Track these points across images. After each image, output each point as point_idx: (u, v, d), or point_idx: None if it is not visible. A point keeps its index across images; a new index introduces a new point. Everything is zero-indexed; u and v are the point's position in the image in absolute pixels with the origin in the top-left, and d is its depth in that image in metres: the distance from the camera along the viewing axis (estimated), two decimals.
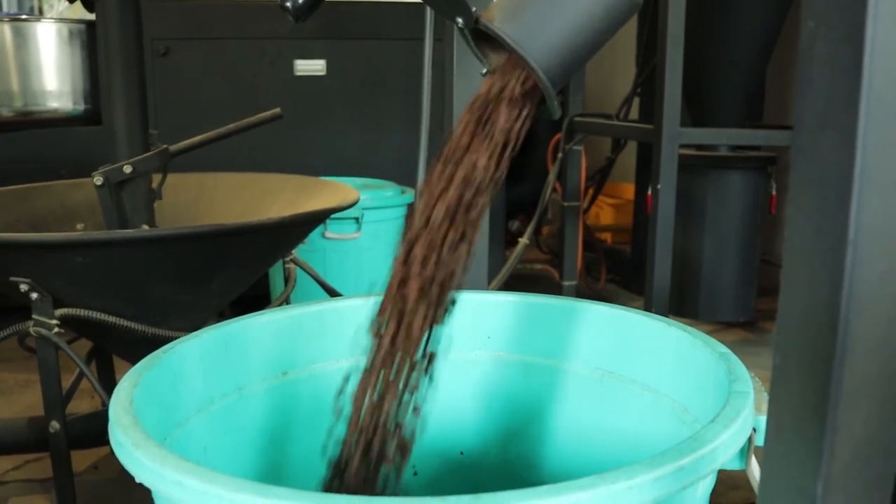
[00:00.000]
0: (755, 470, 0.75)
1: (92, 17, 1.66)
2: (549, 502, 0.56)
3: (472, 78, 1.36)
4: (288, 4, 0.96)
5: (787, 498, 0.48)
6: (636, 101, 3.10)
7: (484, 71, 0.83)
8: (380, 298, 0.82)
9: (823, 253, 0.44)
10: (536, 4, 0.75)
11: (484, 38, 0.82)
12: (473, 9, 0.78)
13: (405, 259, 0.79)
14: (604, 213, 4.04)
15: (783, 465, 0.48)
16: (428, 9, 1.20)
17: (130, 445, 0.66)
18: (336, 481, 0.83)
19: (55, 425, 1.41)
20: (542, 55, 0.74)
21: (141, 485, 0.67)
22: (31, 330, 1.36)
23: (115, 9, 1.50)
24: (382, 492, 0.82)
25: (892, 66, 0.40)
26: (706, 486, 0.73)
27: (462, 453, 1.14)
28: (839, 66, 0.41)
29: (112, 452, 0.69)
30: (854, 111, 0.41)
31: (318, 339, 1.06)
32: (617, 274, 3.48)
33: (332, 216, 1.61)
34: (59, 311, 1.37)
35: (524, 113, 0.78)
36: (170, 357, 0.87)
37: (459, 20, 0.80)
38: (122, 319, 1.38)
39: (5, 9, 2.83)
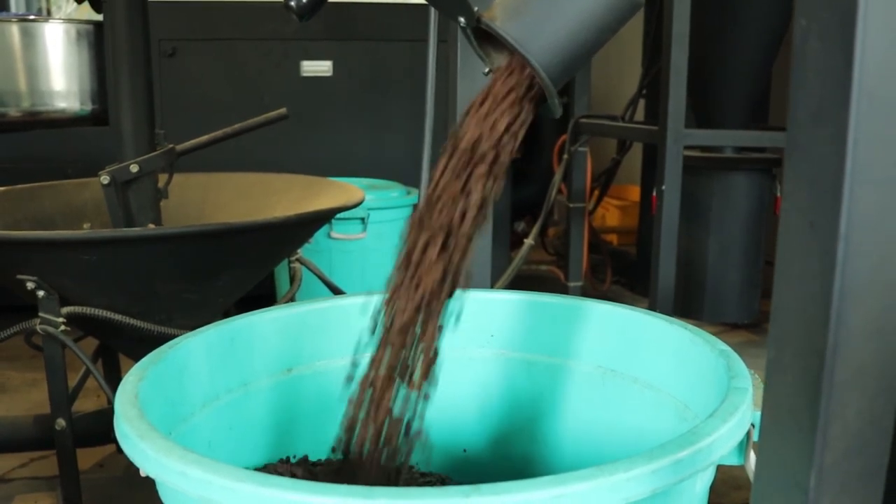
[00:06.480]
0: (754, 465, 0.75)
1: (100, 17, 1.67)
2: (549, 493, 0.56)
3: (475, 78, 1.37)
4: (292, 3, 0.96)
5: (781, 489, 0.48)
6: (642, 102, 3.10)
7: (486, 70, 0.84)
8: (387, 291, 0.83)
9: (816, 246, 0.44)
10: (538, 4, 0.76)
11: (486, 37, 0.82)
12: (475, 8, 0.79)
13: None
14: (609, 214, 4.04)
15: (777, 457, 0.49)
16: (431, 10, 1.21)
17: (136, 437, 0.67)
18: (340, 472, 0.84)
19: (61, 423, 1.42)
20: (544, 54, 0.75)
21: (145, 483, 0.67)
22: (38, 328, 1.37)
23: (123, 9, 1.51)
24: (385, 484, 0.83)
25: (882, 63, 0.41)
26: (705, 480, 0.74)
27: (465, 451, 1.15)
28: (831, 64, 0.42)
29: (117, 451, 0.69)
30: (846, 107, 0.41)
31: (323, 336, 1.07)
32: (622, 275, 3.48)
33: (338, 216, 1.62)
34: (65, 309, 1.38)
35: (524, 112, 0.79)
36: (176, 352, 0.88)
37: (462, 19, 0.81)
38: (127, 317, 1.39)
39: (13, 9, 2.85)
